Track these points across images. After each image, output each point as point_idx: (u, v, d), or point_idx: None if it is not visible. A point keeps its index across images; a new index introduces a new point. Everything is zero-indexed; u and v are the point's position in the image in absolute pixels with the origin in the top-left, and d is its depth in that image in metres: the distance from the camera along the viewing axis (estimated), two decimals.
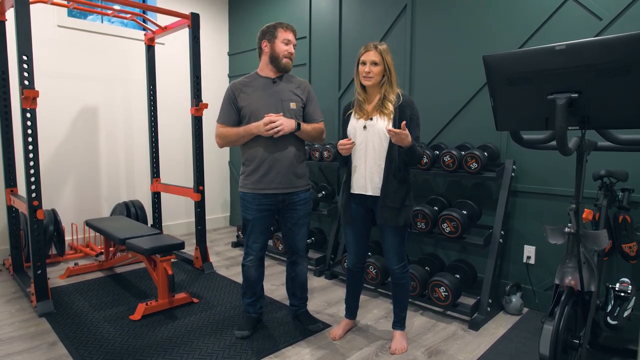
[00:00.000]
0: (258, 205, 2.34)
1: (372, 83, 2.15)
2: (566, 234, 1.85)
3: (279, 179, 2.31)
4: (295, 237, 2.47)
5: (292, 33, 2.35)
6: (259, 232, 2.39)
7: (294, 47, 2.36)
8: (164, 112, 4.56)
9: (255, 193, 2.34)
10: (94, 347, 2.30)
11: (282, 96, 2.33)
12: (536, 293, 2.85)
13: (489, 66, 1.60)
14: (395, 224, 2.15)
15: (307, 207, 2.45)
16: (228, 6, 5.17)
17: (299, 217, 2.43)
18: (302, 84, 2.43)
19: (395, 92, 2.17)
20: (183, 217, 4.93)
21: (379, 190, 2.17)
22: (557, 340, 1.66)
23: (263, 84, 2.34)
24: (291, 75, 2.44)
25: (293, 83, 2.40)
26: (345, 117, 2.30)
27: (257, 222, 2.37)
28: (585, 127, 1.52)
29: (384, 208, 2.15)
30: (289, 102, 2.33)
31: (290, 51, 2.34)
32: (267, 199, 2.34)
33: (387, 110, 2.14)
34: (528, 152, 2.81)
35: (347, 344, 2.39)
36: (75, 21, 3.97)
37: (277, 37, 2.32)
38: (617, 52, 1.32)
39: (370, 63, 2.12)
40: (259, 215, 2.36)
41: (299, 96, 2.37)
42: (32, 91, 2.62)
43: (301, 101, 2.38)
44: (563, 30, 2.64)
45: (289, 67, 2.37)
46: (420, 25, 3.32)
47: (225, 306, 2.86)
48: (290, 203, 2.39)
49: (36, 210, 2.70)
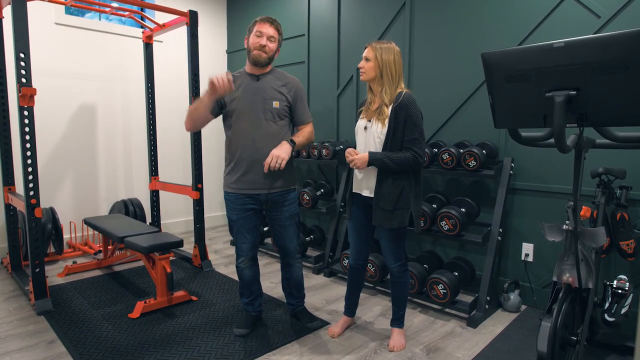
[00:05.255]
0: (241, 205, 2.30)
1: (364, 79, 2.17)
2: (564, 231, 1.85)
3: (258, 179, 2.26)
4: (284, 240, 2.43)
5: (267, 24, 2.24)
6: (245, 231, 2.35)
7: (269, 39, 2.23)
8: (162, 110, 4.55)
9: (237, 193, 2.30)
10: (92, 345, 2.30)
11: (265, 94, 2.25)
12: (534, 290, 2.86)
13: (488, 64, 1.60)
14: (390, 227, 2.13)
15: (292, 208, 2.39)
16: (226, 4, 5.15)
17: (285, 219, 2.37)
18: (290, 82, 2.33)
19: (392, 93, 2.12)
20: (182, 215, 4.93)
21: (373, 192, 2.18)
22: (555, 337, 1.67)
23: (247, 81, 2.29)
24: (281, 72, 2.36)
25: (280, 80, 2.31)
26: (357, 113, 2.34)
27: (241, 222, 2.33)
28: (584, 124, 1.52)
29: (378, 210, 2.14)
30: (271, 100, 2.26)
31: (261, 43, 2.22)
32: (250, 199, 2.30)
33: (383, 115, 2.12)
34: (526, 150, 2.81)
35: (346, 342, 2.39)
36: (73, 19, 3.96)
37: (252, 30, 2.26)
38: (615, 50, 1.32)
39: (364, 59, 2.14)
40: (242, 215, 2.32)
41: (283, 95, 2.29)
42: (30, 89, 2.61)
43: (285, 100, 2.29)
44: (561, 28, 2.64)
45: (260, 60, 2.23)
46: (418, 24, 3.32)
47: (223, 304, 2.86)
48: (274, 204, 2.33)
49: (34, 209, 2.69)
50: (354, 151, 2.16)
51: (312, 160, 3.74)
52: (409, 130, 2.09)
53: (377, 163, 2.09)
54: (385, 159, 2.08)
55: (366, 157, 2.10)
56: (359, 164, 2.11)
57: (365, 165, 2.11)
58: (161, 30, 3.85)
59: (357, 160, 2.11)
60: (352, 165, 2.13)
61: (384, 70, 2.11)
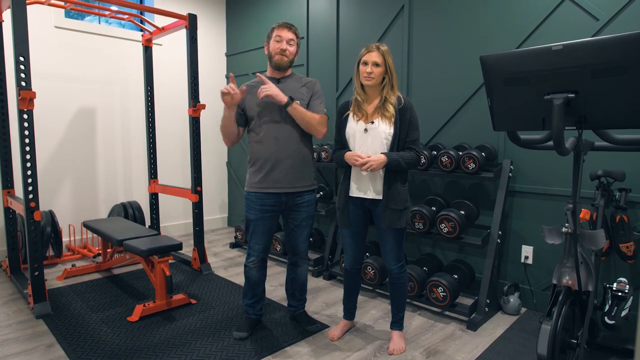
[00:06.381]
0: (261, 205, 2.34)
1: (373, 83, 2.14)
2: (564, 234, 1.85)
3: (282, 178, 2.30)
4: (297, 239, 2.46)
5: (285, 29, 2.31)
6: (261, 232, 2.38)
7: (288, 42, 2.31)
8: (161, 113, 4.56)
9: (259, 192, 2.33)
10: (91, 348, 2.29)
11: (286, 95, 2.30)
12: (534, 293, 2.86)
13: (486, 66, 1.60)
14: (399, 226, 2.16)
15: (310, 209, 2.43)
16: (225, 7, 5.16)
17: (302, 219, 2.42)
18: (309, 82, 2.40)
19: (396, 94, 2.17)
20: (181, 218, 4.92)
21: (380, 193, 2.17)
22: (555, 340, 1.66)
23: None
24: (300, 76, 2.42)
25: (299, 82, 2.37)
26: (343, 117, 2.27)
27: (259, 222, 2.36)
28: (582, 127, 1.53)
29: (387, 211, 2.14)
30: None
31: (282, 47, 2.29)
32: (270, 199, 2.33)
33: (389, 113, 2.13)
34: (525, 152, 2.81)
35: (346, 345, 2.39)
36: (73, 22, 3.96)
37: (272, 36, 2.33)
38: (613, 53, 1.33)
39: (372, 64, 2.11)
40: (261, 215, 2.35)
41: (304, 95, 2.34)
42: (29, 92, 2.61)
43: (306, 100, 2.34)
44: (560, 31, 2.65)
45: (282, 64, 2.31)
46: (417, 26, 3.32)
47: (223, 307, 2.85)
48: (294, 204, 2.37)
49: (33, 212, 2.69)
50: (361, 154, 2.12)
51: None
52: (412, 132, 2.15)
53: (393, 163, 2.09)
54: (399, 159, 2.10)
55: (383, 158, 2.09)
56: (376, 166, 2.08)
57: (382, 167, 2.10)
58: (160, 33, 3.85)
59: (373, 162, 2.07)
60: (367, 167, 2.08)
61: (392, 73, 2.15)
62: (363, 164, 2.08)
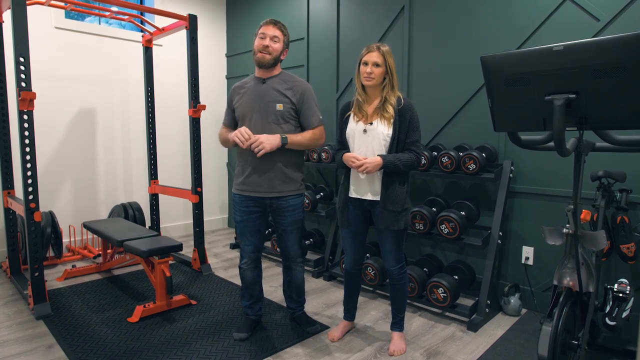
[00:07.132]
0: (245, 207, 2.32)
1: (373, 84, 2.13)
2: (564, 234, 1.85)
3: (263, 182, 2.25)
4: (286, 243, 2.43)
5: (270, 25, 2.24)
6: (248, 234, 2.36)
7: (272, 39, 2.23)
8: (161, 113, 4.55)
9: (242, 195, 2.32)
10: (91, 349, 2.29)
11: (268, 97, 2.24)
12: (535, 294, 2.85)
13: (487, 67, 1.60)
14: (397, 228, 2.15)
15: (295, 213, 2.35)
16: (226, 8, 5.16)
17: (288, 224, 2.36)
18: (297, 85, 2.29)
19: (397, 95, 2.16)
20: (181, 218, 4.92)
21: (379, 195, 2.17)
22: (556, 341, 1.66)
23: (254, 85, 2.30)
24: (289, 75, 2.34)
25: (286, 83, 2.28)
26: (344, 118, 2.27)
27: (245, 223, 2.34)
28: (583, 127, 1.52)
29: (385, 212, 2.14)
30: (274, 103, 2.23)
31: (264, 44, 2.21)
32: (253, 201, 2.31)
33: (388, 114, 2.12)
34: (526, 153, 2.81)
35: (346, 346, 2.38)
36: (73, 23, 3.96)
37: (257, 34, 2.27)
38: (614, 53, 1.32)
39: (372, 64, 2.11)
40: (246, 217, 2.33)
41: (287, 97, 2.25)
42: (29, 93, 2.61)
43: (290, 102, 2.25)
44: (561, 31, 2.64)
45: (264, 61, 2.23)
46: (418, 27, 3.32)
47: (223, 308, 2.85)
48: (278, 209, 2.32)
49: (33, 213, 2.69)
50: (357, 156, 2.12)
51: (312, 163, 3.74)
52: (412, 133, 2.14)
53: (390, 166, 2.09)
54: (396, 161, 2.09)
55: (379, 160, 2.08)
56: (371, 168, 2.07)
57: (377, 169, 2.09)
58: (161, 34, 3.85)
59: (368, 164, 2.06)
60: (363, 169, 2.08)
61: (392, 74, 2.14)
62: (359, 166, 2.08)
